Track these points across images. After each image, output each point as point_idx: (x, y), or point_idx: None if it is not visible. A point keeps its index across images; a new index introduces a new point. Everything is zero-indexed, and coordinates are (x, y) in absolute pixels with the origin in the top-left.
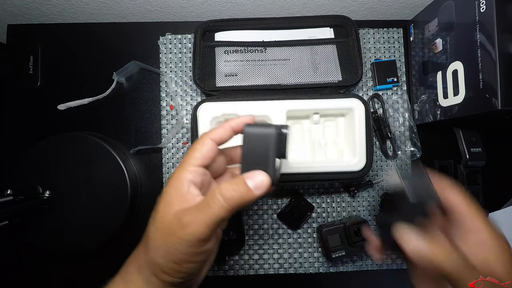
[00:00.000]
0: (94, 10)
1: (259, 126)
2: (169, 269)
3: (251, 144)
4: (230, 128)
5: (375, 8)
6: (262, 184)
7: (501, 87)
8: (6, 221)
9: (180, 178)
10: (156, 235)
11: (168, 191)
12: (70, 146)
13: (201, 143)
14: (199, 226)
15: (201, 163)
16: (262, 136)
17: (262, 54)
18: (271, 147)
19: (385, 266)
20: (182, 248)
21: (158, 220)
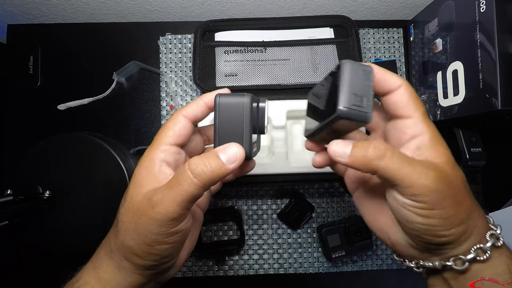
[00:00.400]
0: (94, 10)
1: (232, 95)
2: (141, 252)
3: (224, 115)
4: (203, 103)
5: (375, 8)
6: (235, 156)
7: (501, 87)
8: (6, 221)
9: (151, 157)
10: (126, 217)
11: (139, 171)
12: (70, 146)
13: (173, 120)
14: (170, 204)
15: (173, 142)
16: (235, 105)
17: (262, 54)
18: (246, 118)
19: (385, 266)
20: (153, 229)
21: (127, 201)
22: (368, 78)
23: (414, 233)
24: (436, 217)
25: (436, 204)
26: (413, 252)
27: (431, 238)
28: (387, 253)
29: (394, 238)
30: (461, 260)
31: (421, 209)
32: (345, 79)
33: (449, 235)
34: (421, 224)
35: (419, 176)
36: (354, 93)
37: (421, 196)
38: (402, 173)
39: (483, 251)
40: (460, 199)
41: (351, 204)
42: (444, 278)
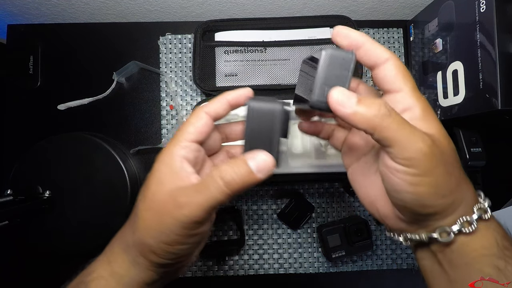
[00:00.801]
0: (94, 10)
1: (263, 100)
2: (160, 250)
3: (255, 121)
4: (226, 101)
5: (375, 8)
6: (265, 165)
7: (501, 87)
8: (6, 221)
9: (173, 154)
10: (147, 215)
11: (160, 167)
12: (70, 146)
13: (195, 116)
14: (196, 208)
15: (195, 139)
16: (267, 112)
17: (262, 54)
18: (276, 125)
19: (385, 266)
20: (176, 229)
21: (149, 198)
22: (347, 67)
23: (402, 204)
24: (425, 185)
25: (428, 171)
26: (401, 225)
27: (418, 209)
28: (387, 253)
29: (383, 211)
30: (446, 232)
31: (411, 175)
32: (321, 70)
33: (436, 205)
34: (409, 194)
35: (416, 140)
36: (329, 84)
37: (415, 160)
38: (401, 135)
39: (469, 223)
40: (450, 169)
41: (351, 204)
42: (431, 250)
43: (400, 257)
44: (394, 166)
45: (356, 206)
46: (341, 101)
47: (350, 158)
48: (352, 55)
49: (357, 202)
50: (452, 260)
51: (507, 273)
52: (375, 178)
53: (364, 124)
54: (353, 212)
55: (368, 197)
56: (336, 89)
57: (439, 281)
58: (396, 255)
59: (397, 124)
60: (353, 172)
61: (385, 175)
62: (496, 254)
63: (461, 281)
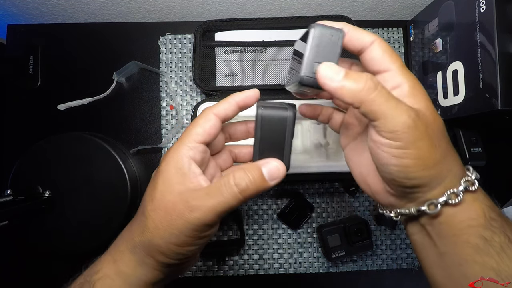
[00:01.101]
0: (94, 10)
1: (273, 107)
2: (168, 251)
3: (266, 127)
4: (235, 103)
5: (375, 8)
6: (278, 173)
7: (501, 87)
8: (6, 221)
9: (180, 154)
10: (156, 215)
11: (167, 168)
12: (70, 146)
13: (203, 117)
14: (209, 212)
15: (202, 140)
16: (278, 118)
17: (262, 54)
18: (288, 131)
19: (385, 266)
20: (187, 231)
21: (157, 199)
22: (336, 43)
23: (389, 177)
24: (409, 157)
25: (410, 143)
26: (391, 200)
27: (404, 181)
28: (387, 253)
29: (374, 187)
30: (433, 204)
31: (395, 148)
32: (310, 46)
33: (421, 177)
34: (394, 166)
35: (400, 112)
36: (318, 60)
37: (398, 133)
38: (386, 108)
39: (455, 195)
40: (436, 142)
41: (351, 204)
42: (421, 224)
43: (400, 257)
44: (379, 139)
45: (356, 206)
46: (329, 76)
47: (347, 138)
48: (341, 31)
49: (357, 202)
50: (441, 232)
51: (493, 244)
52: (367, 155)
53: (351, 97)
54: (353, 212)
55: (361, 174)
56: (324, 64)
57: (429, 255)
58: (396, 255)
59: (383, 98)
60: (349, 151)
61: (372, 150)
62: (483, 225)
63: (449, 253)
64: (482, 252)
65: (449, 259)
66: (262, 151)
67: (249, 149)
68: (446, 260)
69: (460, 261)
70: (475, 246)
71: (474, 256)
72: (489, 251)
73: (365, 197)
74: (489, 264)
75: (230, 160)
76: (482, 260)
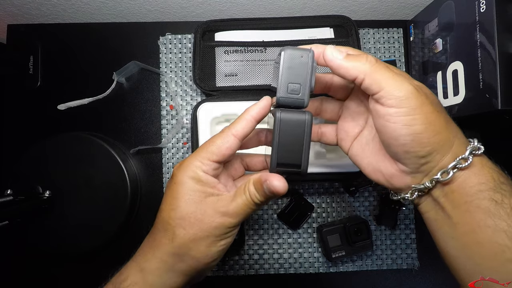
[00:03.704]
0: (94, 10)
1: (291, 111)
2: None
3: (285, 131)
4: (252, 119)
5: (375, 8)
6: (283, 189)
7: (501, 87)
8: (6, 221)
9: (196, 167)
10: (185, 222)
11: (184, 179)
12: (70, 146)
13: (222, 138)
14: (236, 215)
15: (217, 160)
16: (296, 122)
17: (262, 54)
18: (307, 134)
19: (385, 266)
20: (217, 232)
21: (182, 207)
22: (306, 64)
23: (403, 150)
24: (418, 123)
25: (417, 107)
26: (406, 179)
27: (418, 149)
28: (387, 253)
29: (387, 172)
30: (445, 171)
31: (404, 115)
32: (282, 69)
33: (433, 142)
34: (407, 135)
35: (403, 81)
36: (291, 81)
37: (403, 98)
38: (388, 77)
39: (464, 159)
40: (438, 109)
41: (351, 204)
42: (434, 199)
43: (400, 257)
44: (387, 111)
45: (356, 206)
46: (334, 55)
47: (347, 141)
48: (310, 51)
49: (357, 202)
50: (454, 201)
51: (504, 206)
52: (373, 144)
53: (355, 70)
54: (353, 212)
55: (371, 164)
56: (328, 48)
57: (443, 228)
58: (396, 255)
59: (384, 69)
60: (353, 151)
61: (382, 127)
62: (493, 189)
63: (462, 222)
64: (493, 215)
65: (462, 228)
66: (280, 157)
67: (260, 158)
68: (460, 230)
69: (472, 228)
70: (486, 210)
71: (486, 220)
72: (500, 214)
73: (365, 197)
74: (500, 227)
75: (241, 169)
76: (494, 223)
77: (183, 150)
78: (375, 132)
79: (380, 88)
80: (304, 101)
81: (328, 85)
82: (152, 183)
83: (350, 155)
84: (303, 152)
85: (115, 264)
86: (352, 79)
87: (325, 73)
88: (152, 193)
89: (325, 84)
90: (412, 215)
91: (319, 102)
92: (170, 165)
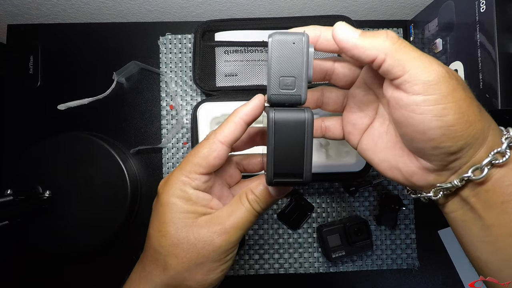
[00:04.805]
0: (94, 10)
1: (288, 110)
2: (195, 283)
3: (281, 134)
4: (242, 122)
5: (375, 8)
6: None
7: (501, 87)
8: (6, 221)
9: (182, 185)
10: (178, 249)
11: (172, 200)
12: (70, 146)
13: (208, 146)
14: (234, 232)
15: (205, 172)
16: (294, 123)
17: (262, 54)
18: (308, 137)
19: (385, 266)
20: (215, 256)
21: (172, 233)
22: (299, 52)
23: (430, 145)
24: (450, 113)
25: (449, 95)
26: (430, 177)
27: (448, 144)
28: (387, 253)
29: (406, 170)
30: (479, 169)
31: (433, 105)
32: (271, 60)
33: (466, 135)
34: (437, 128)
35: (431, 63)
36: (283, 74)
37: (432, 83)
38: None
39: (501, 154)
40: (469, 95)
41: (351, 204)
42: (462, 198)
43: (400, 257)
44: (412, 99)
45: (356, 206)
46: (349, 33)
47: (356, 135)
48: (303, 35)
49: (357, 202)
50: (488, 201)
51: None
52: (387, 137)
53: (374, 50)
54: (353, 212)
55: (387, 160)
56: (339, 24)
57: (472, 230)
58: (396, 255)
59: (409, 47)
60: (364, 145)
61: (404, 119)
62: None
63: (497, 224)
64: None
65: (497, 231)
66: (277, 163)
67: (258, 159)
68: (494, 233)
69: (509, 231)
70: None
71: None
72: None
73: (365, 197)
74: None
75: (237, 174)
76: None
77: (183, 150)
78: (388, 124)
79: (404, 71)
80: (301, 97)
81: (329, 73)
82: (152, 183)
83: (359, 150)
84: (305, 158)
85: (115, 263)
86: (369, 60)
87: (325, 59)
88: (152, 193)
89: (326, 73)
90: (412, 215)
91: (319, 92)
92: (170, 165)
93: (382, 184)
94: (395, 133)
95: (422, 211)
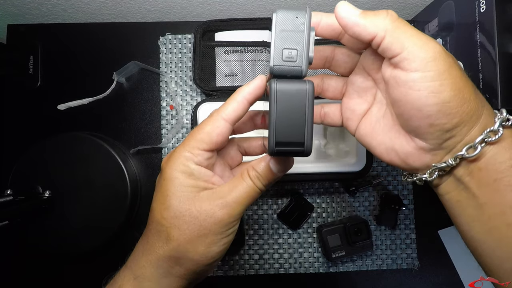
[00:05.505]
0: (94, 10)
1: (290, 81)
2: (198, 255)
3: (283, 104)
4: (245, 101)
5: (375, 8)
6: (288, 167)
7: (501, 87)
8: (6, 221)
9: (185, 160)
10: (180, 221)
11: (175, 174)
12: (70, 146)
13: (211, 123)
14: (236, 206)
15: (208, 148)
16: (296, 93)
17: (262, 54)
18: (309, 108)
19: (385, 266)
20: (216, 229)
21: (175, 205)
22: (302, 26)
23: (427, 123)
24: (447, 89)
25: (446, 71)
26: (426, 158)
27: (445, 120)
28: (387, 253)
29: (403, 151)
30: (472, 147)
31: (430, 81)
32: (275, 32)
33: (461, 112)
34: (433, 105)
35: (428, 41)
36: (286, 47)
37: (429, 60)
38: (411, 36)
39: (493, 132)
40: (464, 74)
41: (351, 204)
42: (457, 178)
43: (400, 257)
44: (410, 76)
45: (356, 206)
46: (349, 10)
47: (354, 120)
48: (306, 11)
49: (357, 202)
50: (481, 180)
51: None
52: (384, 121)
53: (374, 27)
54: (353, 212)
55: (383, 143)
56: (341, 3)
57: (466, 210)
58: (396, 255)
59: (408, 25)
60: (362, 131)
61: (402, 97)
62: None
63: (490, 202)
64: None
65: (490, 210)
66: (280, 135)
67: (259, 142)
68: (487, 211)
69: (502, 209)
70: None
71: None
72: None
73: (365, 197)
74: None
75: (238, 156)
76: None
77: None
78: (385, 109)
79: (403, 48)
80: (302, 69)
81: (329, 59)
82: (152, 183)
83: (357, 136)
84: (306, 127)
85: (115, 264)
86: (370, 38)
87: (325, 46)
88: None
89: (326, 58)
90: (412, 215)
91: (319, 79)
92: None
93: (382, 184)
94: (392, 117)
95: (422, 211)
